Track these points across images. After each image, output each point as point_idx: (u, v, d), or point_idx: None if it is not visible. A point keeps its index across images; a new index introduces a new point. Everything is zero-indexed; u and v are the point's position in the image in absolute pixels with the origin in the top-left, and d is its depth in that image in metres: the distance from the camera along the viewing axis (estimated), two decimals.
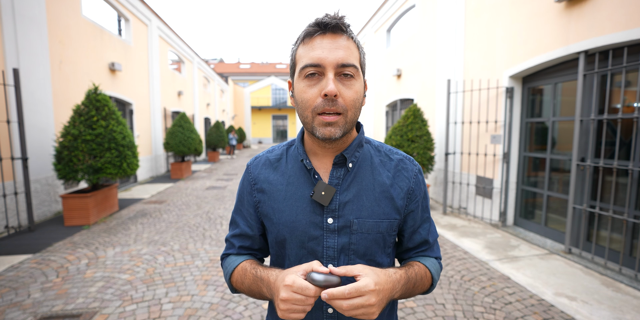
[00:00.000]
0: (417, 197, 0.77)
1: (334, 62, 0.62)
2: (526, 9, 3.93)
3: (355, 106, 0.65)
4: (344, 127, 0.65)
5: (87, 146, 4.33)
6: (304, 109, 0.65)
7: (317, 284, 0.57)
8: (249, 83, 31.65)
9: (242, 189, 0.81)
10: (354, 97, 0.64)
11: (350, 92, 0.64)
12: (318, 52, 0.63)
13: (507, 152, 4.35)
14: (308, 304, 0.57)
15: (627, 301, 2.46)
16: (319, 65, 0.62)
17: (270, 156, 0.80)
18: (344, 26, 0.64)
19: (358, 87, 0.66)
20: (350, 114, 0.65)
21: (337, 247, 0.71)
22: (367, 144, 0.78)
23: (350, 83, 0.64)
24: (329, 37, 0.64)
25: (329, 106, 0.62)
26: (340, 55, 0.62)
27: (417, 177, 0.77)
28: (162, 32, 10.08)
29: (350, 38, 0.65)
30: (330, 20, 0.63)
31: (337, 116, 0.63)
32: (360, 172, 0.74)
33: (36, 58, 4.69)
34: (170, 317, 2.27)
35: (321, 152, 0.74)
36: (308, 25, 0.65)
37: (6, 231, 4.04)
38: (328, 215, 0.71)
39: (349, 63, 0.63)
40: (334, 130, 0.64)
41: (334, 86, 0.61)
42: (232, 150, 16.83)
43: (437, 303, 2.48)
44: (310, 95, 0.64)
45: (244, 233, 0.80)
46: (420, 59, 6.74)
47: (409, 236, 0.79)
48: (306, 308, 0.57)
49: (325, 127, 0.64)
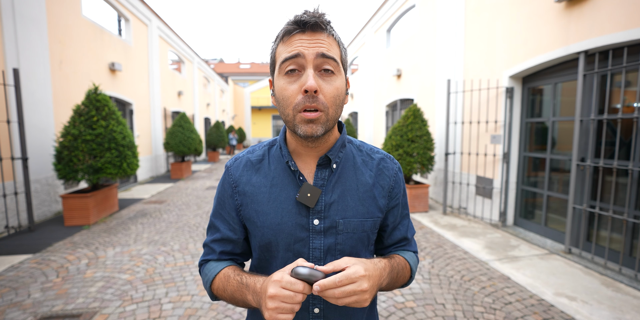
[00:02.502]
0: (398, 194, 0.78)
1: (314, 53, 0.61)
2: (526, 9, 3.93)
3: (336, 103, 0.64)
4: (325, 125, 0.64)
5: (87, 146, 4.33)
6: (285, 107, 0.64)
7: (302, 277, 0.56)
8: (249, 83, 31.65)
9: (222, 192, 0.77)
10: (334, 93, 0.63)
11: (330, 88, 0.63)
12: (298, 47, 0.62)
13: (507, 152, 4.35)
14: (297, 301, 0.55)
15: (627, 301, 2.46)
16: (297, 55, 0.61)
17: (252, 157, 0.77)
18: (323, 24, 0.62)
19: (339, 83, 0.64)
20: (332, 111, 0.64)
21: (323, 248, 0.71)
22: (349, 144, 0.78)
23: (331, 79, 0.63)
24: (308, 34, 0.62)
25: (309, 102, 0.61)
26: (319, 49, 0.61)
27: (397, 175, 0.79)
28: (162, 32, 10.08)
29: (331, 35, 0.64)
30: (309, 19, 0.61)
31: (318, 113, 0.62)
32: (344, 172, 0.74)
33: (36, 58, 4.69)
34: (170, 317, 2.27)
35: (305, 152, 0.73)
36: (287, 23, 0.63)
37: (6, 231, 4.04)
38: (314, 217, 0.70)
39: (329, 55, 0.61)
40: (315, 127, 0.62)
41: (314, 81, 0.60)
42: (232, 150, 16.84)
43: (437, 303, 2.48)
44: (290, 93, 0.62)
45: (226, 237, 0.77)
46: (420, 59, 6.74)
47: (390, 232, 0.81)
48: (295, 307, 0.55)
49: (307, 124, 0.62)
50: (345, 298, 0.56)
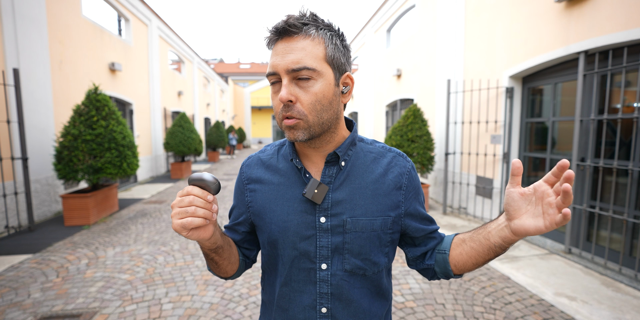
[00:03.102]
0: (411, 192, 0.76)
1: (285, 68, 0.61)
2: (526, 9, 3.93)
3: (315, 109, 0.63)
4: (307, 131, 0.64)
5: (87, 146, 4.33)
6: (275, 115, 0.67)
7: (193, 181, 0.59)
8: (249, 83, 31.66)
9: (236, 189, 0.83)
10: (311, 99, 0.62)
11: (306, 95, 0.62)
12: (273, 59, 0.63)
13: (507, 152, 4.35)
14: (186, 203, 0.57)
15: (627, 301, 2.46)
16: (274, 73, 0.63)
17: (262, 156, 0.80)
18: (293, 27, 0.61)
19: (318, 88, 0.63)
20: (311, 117, 0.63)
21: (330, 247, 0.70)
22: (360, 142, 0.77)
23: (307, 85, 0.62)
24: (285, 41, 0.63)
25: (285, 112, 0.63)
26: (289, 59, 0.61)
27: (410, 174, 0.76)
28: (162, 32, 10.08)
29: (308, 36, 0.62)
30: (279, 25, 0.62)
31: (295, 120, 0.63)
32: (354, 170, 0.73)
33: (36, 58, 4.69)
34: (170, 317, 2.27)
35: (309, 152, 0.73)
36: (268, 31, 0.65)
37: (6, 231, 4.04)
38: (320, 215, 0.70)
39: (300, 66, 0.61)
40: (296, 133, 0.64)
41: (286, 92, 0.61)
42: (232, 150, 16.83)
43: (437, 303, 2.48)
44: (276, 102, 0.65)
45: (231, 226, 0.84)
46: (420, 59, 6.74)
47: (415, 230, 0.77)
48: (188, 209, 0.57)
49: (289, 131, 0.65)
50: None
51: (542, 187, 0.56)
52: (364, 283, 0.72)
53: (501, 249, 0.66)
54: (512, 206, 0.59)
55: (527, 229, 0.57)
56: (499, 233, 0.63)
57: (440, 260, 0.77)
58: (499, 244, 0.64)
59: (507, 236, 0.62)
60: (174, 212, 0.58)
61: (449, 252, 0.76)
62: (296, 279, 0.72)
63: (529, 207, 0.58)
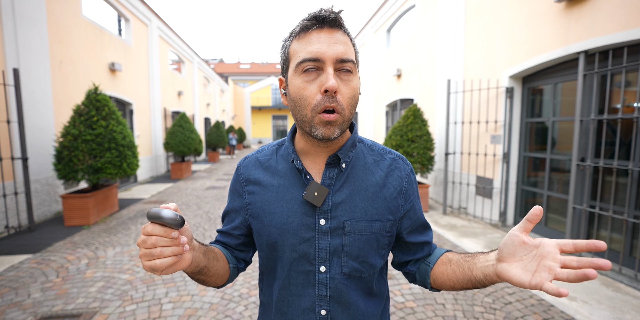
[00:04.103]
0: (411, 196, 0.75)
1: (334, 56, 0.60)
2: (526, 9, 3.93)
3: (352, 104, 0.63)
4: (341, 126, 0.63)
5: (87, 146, 4.33)
6: (303, 107, 0.62)
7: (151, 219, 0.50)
8: (249, 83, 31.65)
9: (232, 190, 0.80)
10: (351, 93, 0.63)
11: (347, 89, 0.62)
12: (316, 46, 0.60)
13: (507, 152, 4.35)
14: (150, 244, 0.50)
15: (627, 301, 2.46)
16: (318, 59, 0.60)
17: (260, 156, 0.78)
18: (340, 21, 0.62)
19: (355, 83, 0.64)
20: (347, 112, 0.63)
21: (329, 249, 0.69)
22: (360, 144, 0.77)
23: (349, 79, 0.63)
24: (326, 31, 0.61)
25: (329, 102, 0.60)
26: (340, 49, 0.61)
27: (409, 177, 0.76)
28: (162, 32, 10.08)
29: (347, 34, 0.64)
30: (328, 14, 0.61)
31: (336, 115, 0.61)
32: (354, 172, 0.72)
33: (36, 58, 4.69)
34: (170, 317, 2.27)
35: (314, 152, 0.72)
36: (303, 19, 0.63)
37: (6, 231, 4.04)
38: (320, 217, 0.69)
39: (348, 58, 0.61)
40: (333, 129, 0.62)
41: (335, 81, 0.59)
42: (232, 150, 16.83)
43: (437, 303, 2.48)
44: (309, 92, 0.61)
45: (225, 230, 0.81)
46: (420, 59, 6.74)
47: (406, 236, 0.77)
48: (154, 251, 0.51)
49: (325, 126, 0.61)
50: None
51: (549, 248, 0.52)
52: (359, 285, 0.72)
53: (480, 284, 0.64)
54: (509, 249, 0.56)
55: (511, 278, 0.54)
56: (483, 269, 0.62)
57: (423, 271, 0.77)
58: (479, 279, 0.63)
59: (490, 275, 0.60)
60: (140, 253, 0.52)
61: (433, 267, 0.76)
62: (295, 282, 0.71)
63: (524, 257, 0.55)
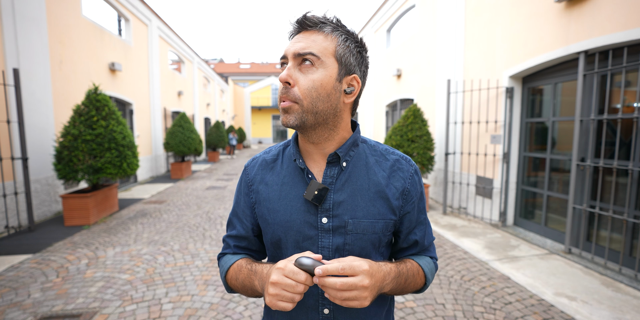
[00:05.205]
0: (413, 197, 0.75)
1: (292, 51, 0.65)
2: (526, 9, 3.93)
3: (311, 95, 0.64)
4: (300, 116, 0.65)
5: (87, 146, 4.33)
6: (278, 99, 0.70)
7: (305, 267, 0.56)
8: (249, 83, 31.65)
9: (239, 190, 0.81)
10: (309, 85, 0.64)
11: (305, 80, 0.64)
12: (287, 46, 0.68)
13: (507, 152, 4.35)
14: (297, 291, 0.56)
15: (627, 301, 2.46)
16: (284, 56, 0.67)
17: (267, 157, 0.80)
18: (310, 21, 0.66)
19: (318, 76, 0.64)
20: (306, 103, 0.64)
21: (331, 247, 0.70)
22: (363, 144, 0.77)
23: (308, 71, 0.65)
24: (302, 33, 0.68)
25: (282, 93, 0.65)
26: (300, 45, 0.65)
27: (413, 178, 0.76)
28: (162, 32, 10.08)
29: (322, 32, 0.66)
30: (298, 18, 0.67)
31: (291, 103, 0.65)
32: (355, 171, 0.73)
33: (36, 58, 4.69)
34: (170, 317, 2.27)
35: (313, 150, 0.73)
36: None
37: (6, 231, 4.04)
38: (322, 215, 0.70)
39: (306, 52, 0.64)
40: (289, 116, 0.65)
41: (286, 73, 0.64)
42: (232, 150, 16.83)
43: (437, 303, 2.48)
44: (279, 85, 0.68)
45: (240, 235, 0.81)
46: (420, 59, 6.74)
47: (404, 237, 0.78)
48: (295, 297, 0.56)
49: (283, 114, 0.66)
50: (345, 292, 0.55)
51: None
52: None
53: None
54: None
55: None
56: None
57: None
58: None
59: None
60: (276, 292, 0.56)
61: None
62: None
63: None
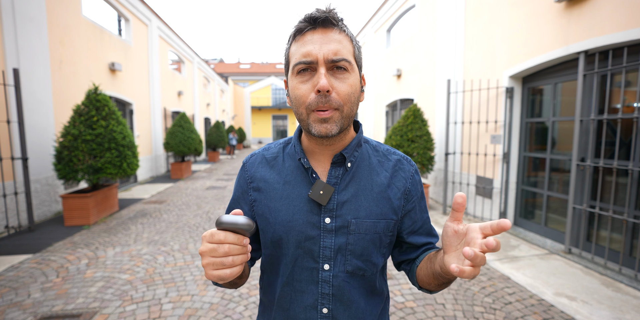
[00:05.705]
0: (414, 197, 0.76)
1: (325, 56, 0.61)
2: (526, 9, 3.93)
3: (350, 100, 0.63)
4: (340, 123, 0.63)
5: (87, 146, 4.33)
6: (299, 106, 0.64)
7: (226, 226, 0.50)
8: (249, 83, 31.64)
9: (237, 188, 0.80)
10: (348, 91, 0.63)
11: (344, 86, 0.62)
12: (309, 47, 0.61)
13: (507, 152, 4.35)
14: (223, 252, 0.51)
15: (627, 301, 2.46)
16: (310, 61, 0.61)
17: (267, 154, 0.79)
18: (334, 20, 0.63)
19: (352, 80, 0.64)
20: (346, 108, 0.63)
21: (334, 247, 0.70)
22: (366, 144, 0.77)
23: (344, 76, 0.63)
24: (319, 31, 0.62)
25: (322, 103, 0.61)
26: (331, 49, 0.61)
27: (413, 178, 0.76)
28: (162, 32, 10.08)
29: (343, 31, 0.64)
30: (319, 15, 0.61)
31: (333, 111, 0.62)
32: (359, 171, 0.73)
33: (36, 58, 4.69)
34: (170, 317, 2.27)
35: (319, 150, 0.73)
36: (298, 21, 0.64)
37: (6, 231, 4.04)
38: (325, 215, 0.70)
39: (340, 57, 0.61)
40: (330, 126, 0.62)
41: (326, 81, 0.60)
42: (232, 150, 16.83)
43: (437, 303, 2.48)
44: (303, 92, 0.62)
45: None
46: (420, 59, 6.74)
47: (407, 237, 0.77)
48: (225, 260, 0.51)
49: (321, 124, 0.62)
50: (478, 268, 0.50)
51: (473, 234, 0.52)
52: (361, 283, 0.73)
53: (442, 278, 0.63)
54: (445, 241, 0.58)
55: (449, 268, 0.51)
56: (439, 262, 0.62)
57: (412, 269, 0.77)
58: (438, 272, 0.63)
59: (444, 267, 0.59)
60: (206, 262, 0.52)
61: (418, 264, 0.75)
62: (298, 279, 0.72)
63: (458, 246, 0.55)
